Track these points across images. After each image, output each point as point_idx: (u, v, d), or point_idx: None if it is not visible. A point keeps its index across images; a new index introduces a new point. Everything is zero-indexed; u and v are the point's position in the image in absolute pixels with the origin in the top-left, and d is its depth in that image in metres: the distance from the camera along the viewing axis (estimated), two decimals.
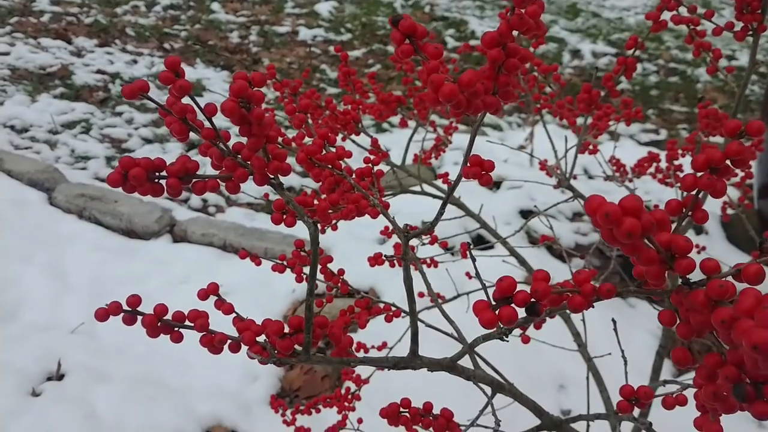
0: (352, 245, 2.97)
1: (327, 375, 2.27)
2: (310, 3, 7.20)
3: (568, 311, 0.50)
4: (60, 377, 2.19)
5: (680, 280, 0.46)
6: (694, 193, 0.48)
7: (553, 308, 0.51)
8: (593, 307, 0.52)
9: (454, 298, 1.56)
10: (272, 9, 6.95)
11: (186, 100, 0.56)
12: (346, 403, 1.48)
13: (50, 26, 5.52)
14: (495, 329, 0.64)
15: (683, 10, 1.09)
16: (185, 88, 0.54)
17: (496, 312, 0.47)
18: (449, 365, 0.72)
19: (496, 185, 3.78)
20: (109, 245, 2.94)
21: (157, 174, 0.55)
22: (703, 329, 0.45)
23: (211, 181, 0.57)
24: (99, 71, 4.91)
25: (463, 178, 0.60)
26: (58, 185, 3.25)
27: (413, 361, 0.70)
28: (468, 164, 0.59)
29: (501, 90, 0.53)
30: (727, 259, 3.24)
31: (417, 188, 1.64)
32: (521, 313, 0.51)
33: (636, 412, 0.74)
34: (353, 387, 1.47)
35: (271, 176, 0.58)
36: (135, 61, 5.19)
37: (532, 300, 0.47)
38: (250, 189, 3.51)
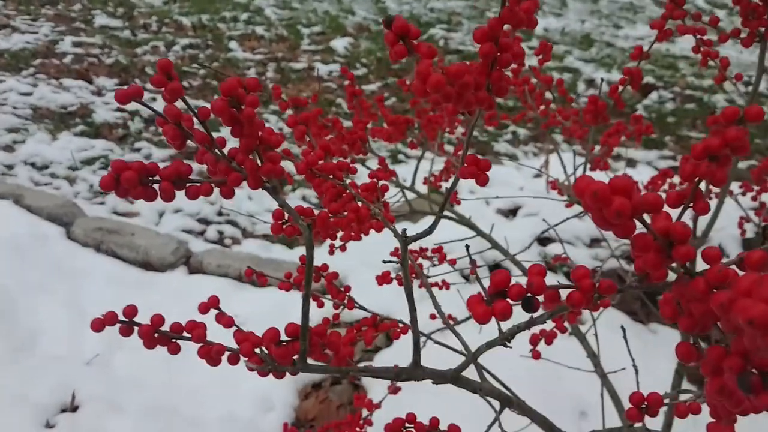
0: (368, 275, 2.95)
1: (342, 404, 2.24)
2: (326, 39, 7.30)
3: (580, 329, 0.49)
4: (74, 409, 2.18)
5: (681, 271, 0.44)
6: (694, 182, 0.46)
7: (551, 308, 0.49)
8: (593, 306, 0.50)
9: (466, 319, 1.54)
10: (289, 46, 7.05)
11: (180, 105, 0.56)
12: (357, 429, 1.45)
13: (72, 67, 5.64)
14: (498, 336, 0.62)
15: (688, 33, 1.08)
16: (177, 90, 0.53)
17: (490, 306, 0.45)
18: (454, 376, 0.70)
19: (512, 212, 3.75)
20: (125, 277, 2.95)
21: (149, 178, 0.55)
22: (705, 320, 0.43)
23: (204, 185, 0.57)
24: (119, 109, 5.00)
25: (461, 179, 0.59)
26: (76, 219, 3.28)
27: (416, 371, 0.69)
28: (464, 164, 0.58)
29: (494, 86, 0.52)
30: None
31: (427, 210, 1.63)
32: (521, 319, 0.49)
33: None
34: (365, 413, 1.44)
35: (265, 180, 0.58)
36: (154, 99, 5.28)
37: (528, 294, 0.45)
38: (267, 217, 3.51)
